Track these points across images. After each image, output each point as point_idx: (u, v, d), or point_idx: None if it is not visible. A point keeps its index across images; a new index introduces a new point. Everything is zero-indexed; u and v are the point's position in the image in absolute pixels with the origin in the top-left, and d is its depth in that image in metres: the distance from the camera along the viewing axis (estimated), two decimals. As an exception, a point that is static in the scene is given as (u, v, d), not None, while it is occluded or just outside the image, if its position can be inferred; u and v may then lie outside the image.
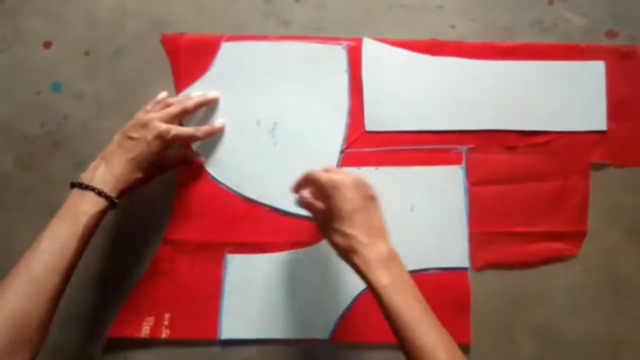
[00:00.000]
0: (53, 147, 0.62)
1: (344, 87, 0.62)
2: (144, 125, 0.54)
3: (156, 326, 0.59)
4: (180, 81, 0.62)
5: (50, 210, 0.61)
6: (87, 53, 0.62)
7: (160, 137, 0.54)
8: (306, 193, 0.54)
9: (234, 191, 0.61)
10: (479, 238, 0.60)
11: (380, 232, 0.50)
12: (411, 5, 0.63)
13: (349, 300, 0.60)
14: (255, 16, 0.63)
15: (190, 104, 0.58)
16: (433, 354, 0.44)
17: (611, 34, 0.63)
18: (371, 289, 0.47)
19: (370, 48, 0.62)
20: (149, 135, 0.54)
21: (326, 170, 0.52)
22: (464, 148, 0.61)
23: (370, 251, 0.48)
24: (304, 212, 0.60)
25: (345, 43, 0.62)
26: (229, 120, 0.61)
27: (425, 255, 0.60)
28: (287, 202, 0.61)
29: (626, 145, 0.61)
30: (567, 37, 0.63)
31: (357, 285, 0.60)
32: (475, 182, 0.61)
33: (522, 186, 0.61)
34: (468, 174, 0.61)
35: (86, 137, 0.62)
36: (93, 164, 0.53)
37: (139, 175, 0.54)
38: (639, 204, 0.61)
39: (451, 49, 0.62)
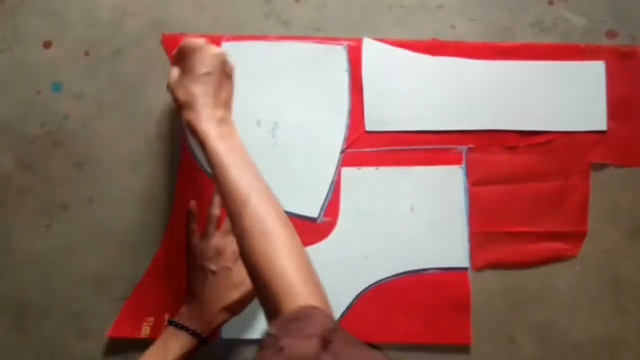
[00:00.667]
0: (53, 147, 0.62)
1: (344, 87, 0.62)
2: (218, 253, 0.55)
3: (156, 326, 0.59)
4: (180, 81, 0.62)
5: (50, 210, 0.61)
6: (87, 53, 0.62)
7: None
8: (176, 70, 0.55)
9: (234, 191, 0.61)
10: (479, 238, 0.60)
11: (224, 103, 0.52)
12: (411, 5, 0.63)
13: (349, 300, 0.60)
14: (255, 16, 0.63)
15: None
16: (241, 192, 0.46)
17: (611, 34, 0.63)
18: (199, 141, 0.49)
19: (370, 48, 0.62)
20: (229, 261, 0.55)
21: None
22: (464, 148, 0.61)
23: (206, 110, 0.50)
24: (304, 211, 0.60)
25: (345, 43, 0.62)
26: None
27: (425, 255, 0.60)
28: (287, 202, 0.61)
29: (626, 145, 0.61)
30: (567, 37, 0.63)
31: (357, 285, 0.60)
32: (475, 182, 0.61)
33: (522, 186, 0.61)
34: (468, 174, 0.61)
35: (86, 137, 0.62)
36: (188, 302, 0.54)
37: (230, 316, 0.54)
38: (639, 204, 0.61)
39: (451, 49, 0.62)
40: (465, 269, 0.60)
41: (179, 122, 0.61)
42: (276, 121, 0.61)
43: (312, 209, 0.61)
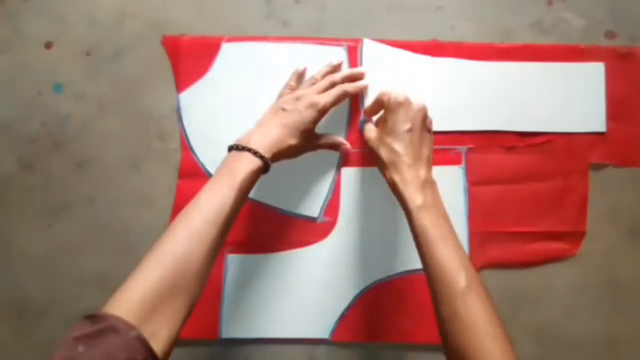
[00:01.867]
0: (54, 147, 0.62)
1: (344, 87, 0.62)
2: (297, 98, 0.56)
3: (156, 326, 0.59)
4: (181, 82, 0.62)
5: (51, 210, 0.61)
6: (88, 54, 0.63)
7: (313, 106, 0.55)
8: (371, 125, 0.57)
9: (234, 191, 0.61)
10: (478, 238, 0.60)
11: (426, 161, 0.52)
12: (411, 5, 0.63)
13: (349, 300, 0.60)
14: (255, 17, 0.63)
15: (338, 78, 0.58)
16: (453, 275, 0.45)
17: (610, 34, 0.63)
18: (404, 208, 0.50)
19: (370, 48, 0.62)
20: (301, 105, 0.55)
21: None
22: (463, 148, 0.61)
23: (410, 172, 0.51)
24: (303, 211, 0.61)
25: (345, 43, 0.62)
26: (229, 121, 0.62)
27: (425, 255, 0.60)
28: (287, 202, 0.61)
29: (625, 145, 0.61)
30: (566, 38, 0.63)
31: (357, 285, 0.60)
32: (475, 182, 0.61)
33: (522, 186, 0.61)
34: (468, 174, 0.61)
35: (87, 137, 0.62)
36: (249, 130, 0.54)
37: (292, 141, 0.55)
38: (639, 204, 0.61)
39: (451, 49, 0.62)
40: (465, 268, 0.60)
41: (179, 122, 0.62)
42: (276, 121, 0.62)
43: (312, 209, 0.61)
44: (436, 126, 0.61)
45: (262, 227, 0.61)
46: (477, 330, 0.43)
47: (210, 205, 0.47)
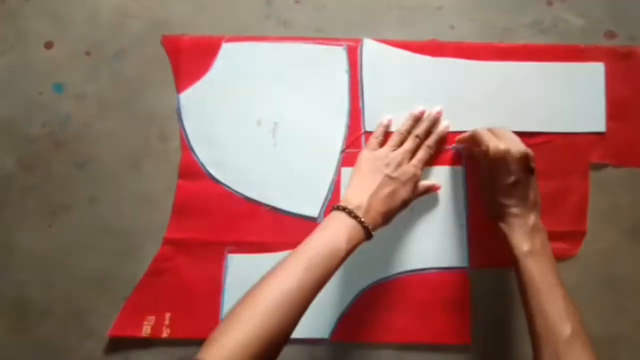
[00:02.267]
0: (54, 147, 0.62)
1: (344, 87, 0.62)
2: (398, 164, 0.56)
3: (157, 326, 0.59)
4: (181, 82, 0.62)
5: (51, 210, 0.61)
6: (88, 53, 0.63)
7: (412, 179, 0.56)
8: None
9: (234, 191, 0.61)
10: (478, 238, 0.60)
11: (533, 205, 0.53)
12: (411, 5, 0.63)
13: (349, 300, 0.60)
14: (255, 17, 0.63)
15: (422, 132, 0.59)
16: (558, 323, 0.46)
17: (610, 34, 0.63)
18: (511, 255, 0.51)
19: (370, 48, 0.62)
20: (404, 176, 0.55)
21: (492, 132, 0.55)
22: (464, 148, 0.61)
23: (518, 220, 0.52)
24: (303, 211, 0.61)
25: (345, 43, 0.62)
26: (229, 121, 0.62)
27: (425, 255, 0.60)
28: (287, 202, 0.61)
29: (625, 145, 0.61)
30: (566, 38, 0.63)
31: (357, 285, 0.60)
32: (475, 182, 0.61)
33: (522, 186, 0.61)
34: (468, 174, 0.61)
35: (87, 137, 0.62)
36: (357, 190, 0.54)
37: (393, 214, 0.55)
38: (638, 204, 0.61)
39: (451, 49, 0.62)
40: (464, 268, 0.60)
41: (179, 122, 0.62)
42: (276, 121, 0.62)
43: (312, 209, 0.61)
44: (436, 126, 0.62)
45: (262, 227, 0.61)
46: None
47: (312, 276, 0.47)
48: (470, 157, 0.60)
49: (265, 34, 0.63)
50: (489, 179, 0.54)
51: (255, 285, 0.46)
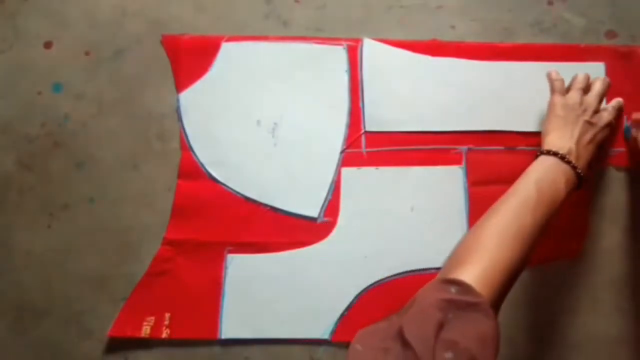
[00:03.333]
0: (53, 147, 0.62)
1: (344, 87, 0.62)
2: (596, 111, 0.56)
3: (156, 326, 0.59)
4: (181, 81, 0.62)
5: (50, 210, 0.61)
6: (87, 53, 0.63)
7: (608, 126, 0.56)
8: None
9: (234, 191, 0.61)
10: (478, 238, 0.60)
11: None
12: (411, 5, 0.63)
13: (349, 300, 0.60)
14: (255, 16, 0.63)
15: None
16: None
17: (611, 34, 0.63)
18: None
19: (370, 48, 0.62)
20: (601, 122, 0.55)
21: None
22: (464, 148, 0.61)
23: None
24: (303, 211, 0.60)
25: (345, 43, 0.62)
26: (229, 121, 0.62)
27: (425, 255, 0.60)
28: (287, 202, 0.61)
29: (625, 145, 0.61)
30: (566, 37, 0.63)
31: (357, 285, 0.60)
32: (475, 182, 0.61)
33: (522, 186, 0.61)
34: (468, 174, 0.61)
35: (86, 137, 0.62)
36: (558, 134, 0.54)
37: (595, 160, 0.55)
38: (639, 203, 0.61)
39: (451, 49, 0.62)
40: (465, 269, 0.60)
41: (179, 122, 0.62)
42: (276, 121, 0.62)
43: (312, 209, 0.61)
44: (436, 126, 0.62)
45: (262, 227, 0.61)
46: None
47: (542, 214, 0.48)
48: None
49: (265, 34, 0.62)
50: None
51: (488, 216, 0.48)
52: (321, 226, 0.61)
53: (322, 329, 0.60)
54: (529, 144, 0.61)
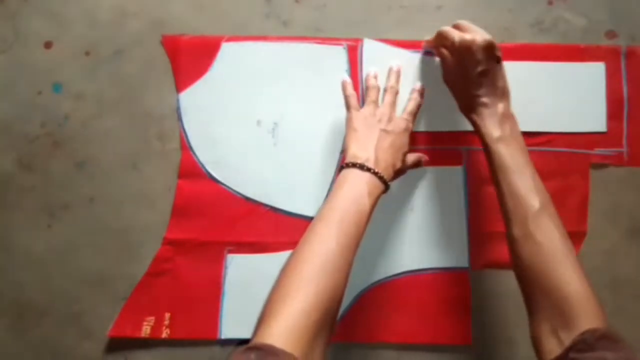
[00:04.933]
0: (53, 147, 0.62)
1: (344, 87, 0.62)
2: (390, 119, 0.56)
3: (156, 326, 0.59)
4: (181, 81, 0.62)
5: (50, 210, 0.61)
6: (87, 53, 0.63)
7: (407, 130, 0.56)
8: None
9: (234, 191, 0.61)
10: (478, 238, 0.60)
11: (502, 94, 0.53)
12: (411, 5, 0.63)
13: (349, 300, 0.60)
14: (255, 16, 0.63)
15: (395, 84, 0.59)
16: (527, 199, 0.48)
17: (611, 34, 0.63)
18: (483, 142, 0.52)
19: (370, 48, 0.62)
20: (398, 128, 0.56)
21: (456, 26, 0.54)
22: (464, 148, 0.61)
23: (489, 109, 0.52)
24: (303, 211, 0.60)
25: (345, 43, 0.62)
26: (229, 121, 0.62)
27: (425, 255, 0.60)
28: (287, 202, 0.61)
29: (626, 144, 0.61)
30: (566, 38, 0.63)
31: (357, 285, 0.60)
32: (475, 182, 0.61)
33: (522, 186, 0.61)
34: (468, 174, 0.61)
35: (86, 137, 0.62)
36: (356, 144, 0.54)
37: (399, 165, 0.55)
38: (639, 204, 0.61)
39: (451, 49, 0.62)
40: (465, 268, 0.60)
41: (179, 122, 0.62)
42: (276, 121, 0.62)
43: (312, 209, 0.61)
44: (436, 126, 0.62)
45: (262, 227, 0.61)
46: (553, 253, 0.46)
47: (348, 234, 0.47)
48: (443, 62, 0.57)
49: (265, 34, 0.62)
50: (459, 72, 0.54)
51: (291, 257, 0.46)
52: (321, 226, 0.61)
53: (322, 329, 0.60)
54: (529, 144, 0.61)
